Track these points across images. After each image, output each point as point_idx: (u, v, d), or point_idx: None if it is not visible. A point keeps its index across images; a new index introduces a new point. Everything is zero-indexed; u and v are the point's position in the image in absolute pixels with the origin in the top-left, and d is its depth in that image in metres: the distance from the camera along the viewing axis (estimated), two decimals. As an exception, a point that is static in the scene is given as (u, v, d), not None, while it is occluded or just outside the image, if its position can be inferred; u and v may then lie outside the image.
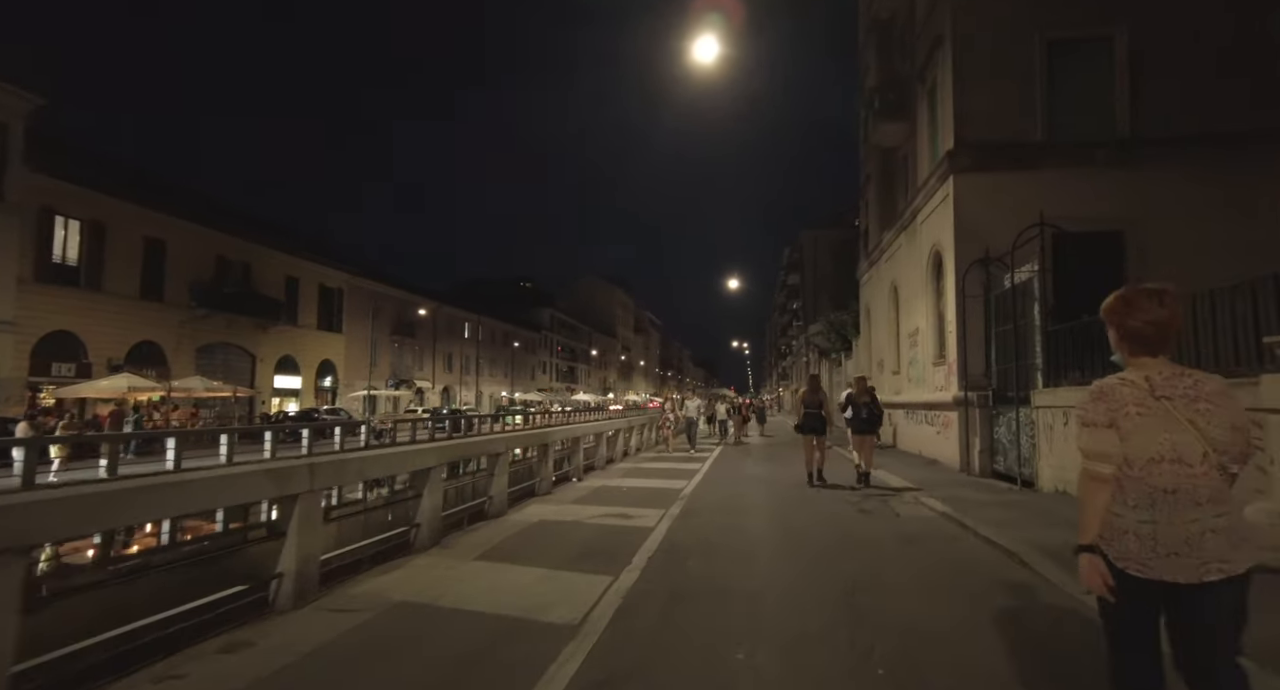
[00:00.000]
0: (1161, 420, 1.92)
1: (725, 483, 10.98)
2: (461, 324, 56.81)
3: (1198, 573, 1.86)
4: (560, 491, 10.42)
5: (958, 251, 12.40)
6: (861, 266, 23.24)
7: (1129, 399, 1.98)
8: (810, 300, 49.93)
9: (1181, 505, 1.89)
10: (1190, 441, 1.89)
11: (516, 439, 9.25)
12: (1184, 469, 1.89)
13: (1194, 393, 1.93)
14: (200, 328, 29.22)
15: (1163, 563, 1.88)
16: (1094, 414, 2.03)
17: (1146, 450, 1.92)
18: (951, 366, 12.77)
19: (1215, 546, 1.86)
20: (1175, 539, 1.88)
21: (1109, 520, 1.99)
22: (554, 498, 9.76)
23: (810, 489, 10.07)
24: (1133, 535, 1.94)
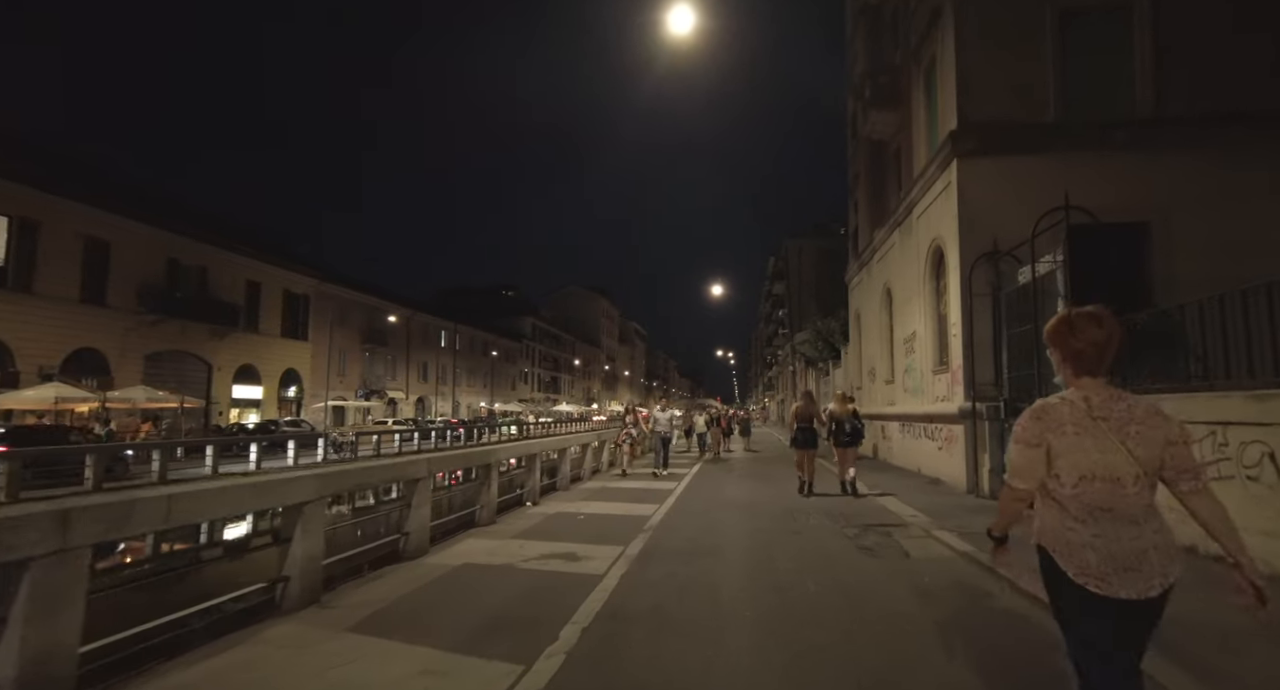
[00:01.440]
0: (1096, 440, 1.99)
1: (700, 509, 9.48)
2: (438, 332, 55.08)
3: (1144, 588, 1.93)
4: (506, 521, 8.88)
5: (962, 245, 11.05)
6: (851, 270, 21.94)
7: (1067, 418, 2.03)
8: (796, 309, 48.72)
9: (1121, 523, 1.98)
10: (1122, 462, 1.97)
11: (445, 460, 7.69)
12: (1117, 488, 1.97)
13: (1128, 416, 2.01)
14: (149, 334, 27.38)
15: (1119, 578, 1.94)
16: (1027, 433, 2.08)
17: (1078, 468, 2.00)
18: (955, 374, 11.39)
19: (1158, 562, 1.95)
20: (1126, 555, 1.95)
21: (1066, 537, 2.03)
22: (495, 530, 8.21)
23: (799, 515, 8.61)
24: (1089, 549, 1.98)
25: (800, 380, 37.83)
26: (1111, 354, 2.08)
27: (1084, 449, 1.99)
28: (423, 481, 6.79)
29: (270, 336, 35.13)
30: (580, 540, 7.28)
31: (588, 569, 5.94)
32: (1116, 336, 2.08)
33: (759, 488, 11.99)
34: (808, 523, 8.13)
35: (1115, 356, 2.08)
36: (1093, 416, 2.01)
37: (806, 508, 9.30)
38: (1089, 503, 1.99)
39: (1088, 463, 1.98)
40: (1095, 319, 2.08)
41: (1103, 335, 2.06)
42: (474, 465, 8.54)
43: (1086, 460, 1.98)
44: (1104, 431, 1.99)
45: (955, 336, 11.39)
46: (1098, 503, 1.98)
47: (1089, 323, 2.07)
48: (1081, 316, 2.10)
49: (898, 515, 8.59)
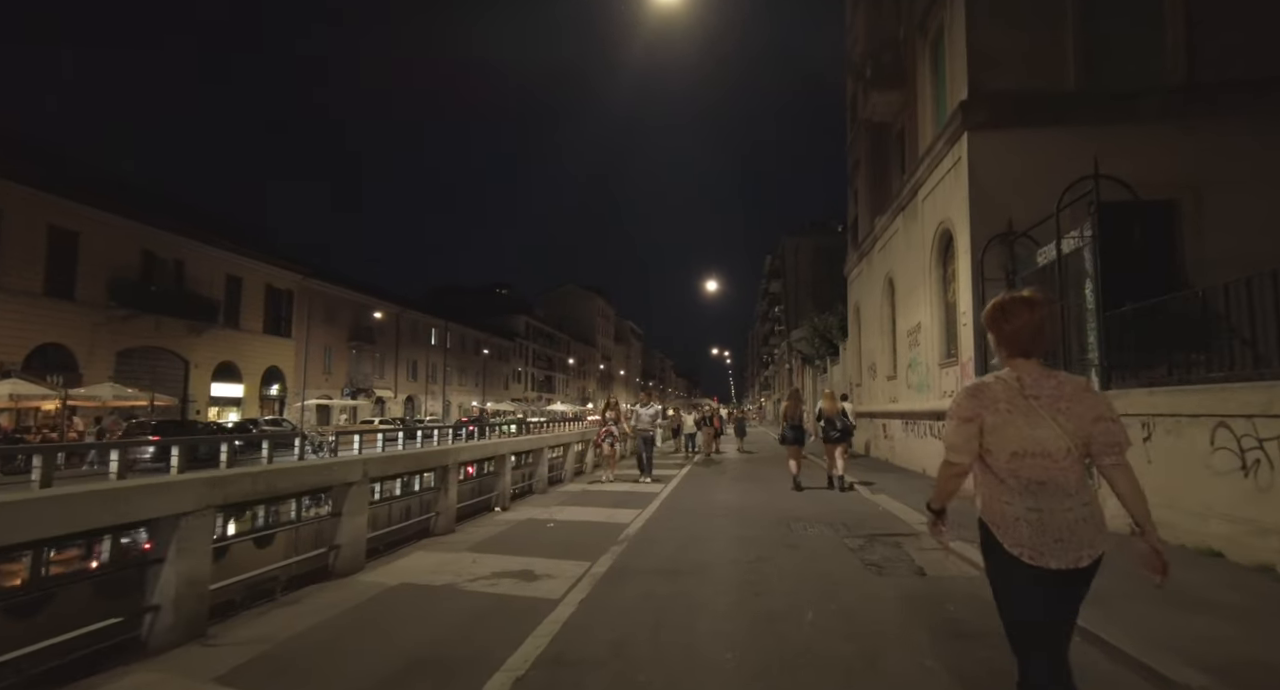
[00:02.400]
0: (1027, 416, 2.05)
1: (686, 516, 8.50)
2: (428, 330, 54.01)
3: (1074, 558, 2.01)
4: (467, 529, 7.90)
5: (973, 226, 10.12)
6: (850, 262, 21.00)
7: (1000, 396, 2.10)
8: (792, 306, 47.83)
9: (1054, 495, 2.04)
10: (1053, 437, 2.03)
11: (388, 463, 6.68)
12: (1049, 462, 2.03)
13: (1058, 392, 2.08)
14: (121, 330, 26.32)
15: (1050, 549, 2.01)
16: (963, 410, 2.16)
17: (1010, 445, 2.06)
18: (965, 367, 10.45)
19: (1086, 533, 2.03)
20: (1058, 526, 2.02)
21: (1003, 510, 2.11)
22: (451, 540, 7.24)
23: (795, 524, 7.66)
24: (1024, 522, 2.06)
25: (797, 378, 36.90)
26: (1044, 336, 2.17)
27: (1015, 425, 2.05)
28: (357, 487, 5.82)
29: (251, 333, 34.07)
30: (543, 554, 6.32)
31: (543, 591, 4.97)
32: (1048, 320, 2.19)
33: (752, 491, 11.03)
34: (805, 533, 7.17)
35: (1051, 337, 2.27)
36: (1024, 394, 2.09)
37: (804, 514, 8.36)
38: (1025, 477, 2.06)
39: (1019, 438, 2.05)
40: (1028, 303, 2.16)
41: (1036, 319, 2.14)
42: (426, 468, 7.54)
43: (1018, 436, 2.05)
44: (1035, 408, 2.06)
45: (965, 326, 10.46)
46: (1032, 476, 2.05)
47: (1021, 307, 2.16)
48: (1015, 301, 2.18)
49: (906, 522, 7.64)
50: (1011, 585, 2.11)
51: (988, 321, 2.24)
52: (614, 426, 12.45)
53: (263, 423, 29.59)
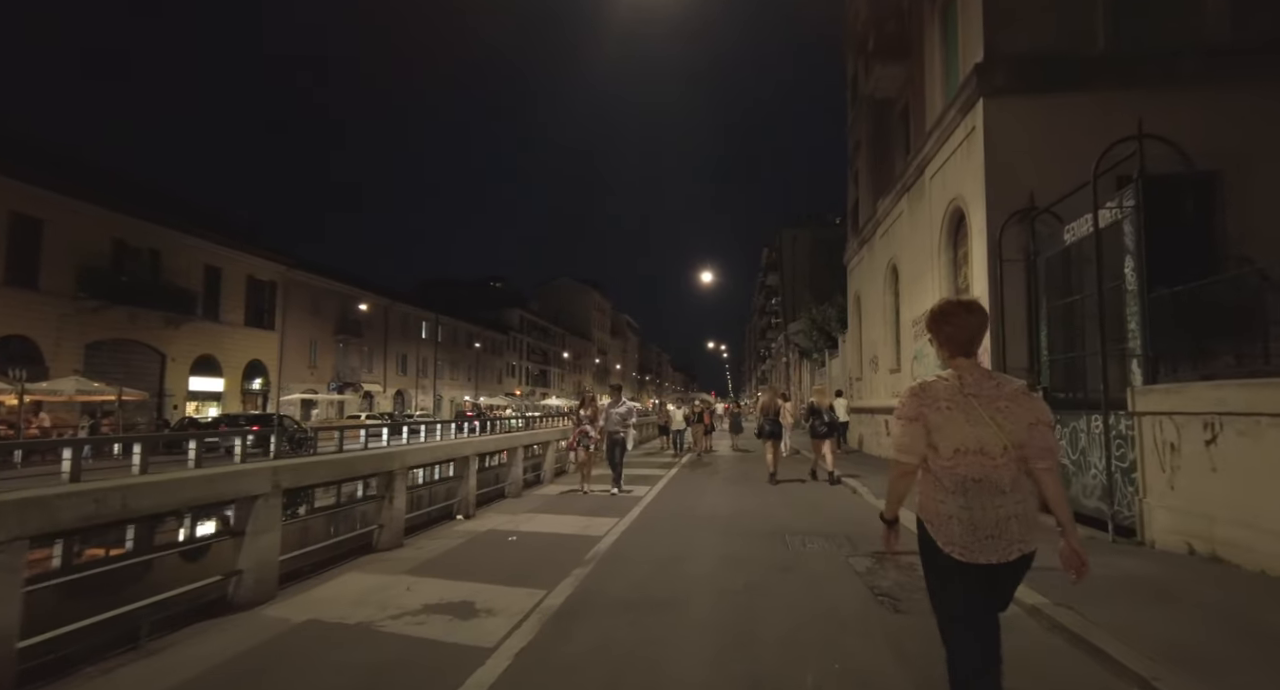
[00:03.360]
0: (967, 415, 2.13)
1: (667, 528, 7.50)
2: (418, 323, 52.93)
3: (1004, 553, 2.09)
4: (417, 542, 6.92)
5: (989, 203, 9.12)
6: (850, 249, 20.00)
7: (942, 395, 2.20)
8: (790, 299, 46.80)
9: (987, 492, 2.11)
10: (991, 435, 2.11)
11: (305, 471, 5.64)
12: (987, 460, 2.11)
13: (996, 393, 2.18)
14: (91, 322, 25.23)
15: (980, 545, 2.10)
16: (908, 410, 2.22)
17: (952, 442, 2.13)
18: (981, 359, 9.45)
19: (1017, 530, 2.10)
20: (988, 523, 2.10)
21: (938, 508, 2.18)
22: (393, 557, 6.25)
23: (792, 538, 6.68)
24: (956, 520, 2.13)
25: (794, 373, 35.94)
26: (981, 337, 2.30)
27: (956, 423, 2.13)
28: (263, 500, 4.81)
29: (232, 325, 32.98)
30: (493, 578, 5.33)
31: (475, 636, 3.98)
32: (985, 323, 2.31)
33: (744, 497, 10.04)
34: (804, 550, 6.19)
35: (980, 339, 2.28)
36: (964, 393, 2.18)
37: (801, 525, 7.37)
38: (962, 474, 2.13)
39: (960, 436, 2.12)
40: (965, 307, 2.31)
41: (974, 321, 2.28)
42: (360, 475, 6.51)
43: (959, 434, 2.13)
44: (974, 407, 2.15)
45: (980, 313, 9.45)
46: (969, 474, 2.12)
47: (960, 310, 2.30)
48: (953, 305, 2.32)
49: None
50: (944, 580, 2.20)
51: (929, 325, 2.34)
52: (589, 427, 10.34)
53: (241, 420, 28.58)
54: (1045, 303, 8.26)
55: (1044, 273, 8.32)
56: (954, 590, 2.17)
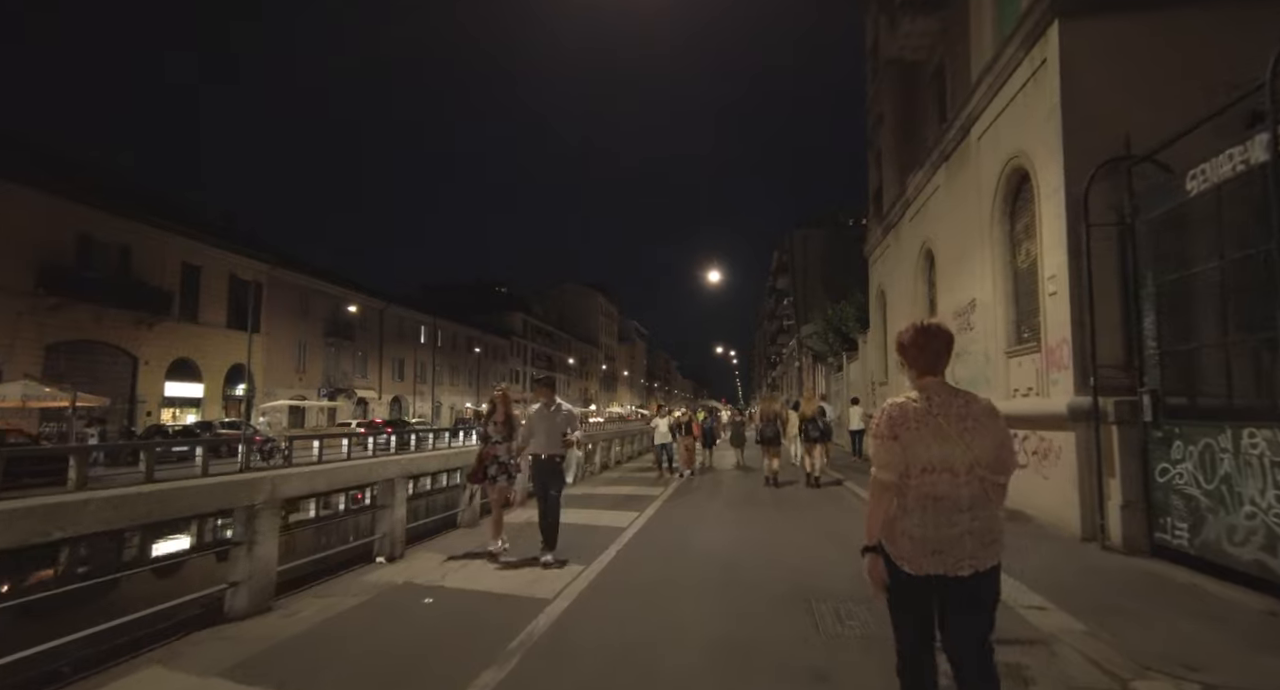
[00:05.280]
0: (934, 433, 2.20)
1: (642, 587, 5.41)
2: (416, 327, 51.15)
3: (954, 567, 2.18)
4: (294, 605, 4.93)
5: (1069, 152, 7.08)
6: (871, 239, 17.94)
7: (911, 414, 2.25)
8: (802, 301, 44.68)
9: (946, 510, 2.19)
10: (957, 454, 2.18)
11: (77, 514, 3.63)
12: (951, 478, 2.19)
13: (964, 412, 2.24)
14: (50, 321, 23.48)
15: (928, 560, 2.20)
16: (883, 428, 2.29)
17: (920, 459, 2.20)
18: (1054, 353, 7.41)
19: (969, 546, 2.18)
20: (939, 539, 2.19)
21: (895, 525, 2.27)
22: (234, 637, 4.27)
23: (824, 603, 4.64)
24: (907, 537, 2.23)
25: (807, 377, 33.82)
26: (947, 358, 2.36)
27: (925, 441, 2.20)
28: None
29: (212, 327, 31.25)
30: (354, 686, 3.33)
31: None
32: (951, 342, 2.39)
33: (748, 533, 7.95)
34: (842, 629, 4.13)
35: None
36: (932, 412, 2.23)
37: (828, 578, 5.32)
38: (926, 492, 2.20)
39: (928, 455, 2.19)
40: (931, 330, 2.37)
41: (940, 342, 2.34)
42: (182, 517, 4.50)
43: (927, 453, 2.19)
44: (941, 425, 2.21)
45: (1053, 296, 7.41)
46: (932, 492, 2.19)
47: (925, 332, 2.36)
48: (919, 328, 2.38)
49: (1011, 609, 4.62)
50: (898, 596, 2.33)
51: (899, 347, 2.42)
52: (501, 448, 6.45)
53: (218, 426, 26.75)
54: (1151, 278, 6.21)
55: (1151, 238, 6.28)
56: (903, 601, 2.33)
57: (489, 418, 6.69)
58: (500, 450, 6.50)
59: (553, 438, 6.36)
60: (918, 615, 2.33)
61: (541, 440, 6.36)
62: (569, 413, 6.62)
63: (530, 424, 6.43)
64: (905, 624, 2.37)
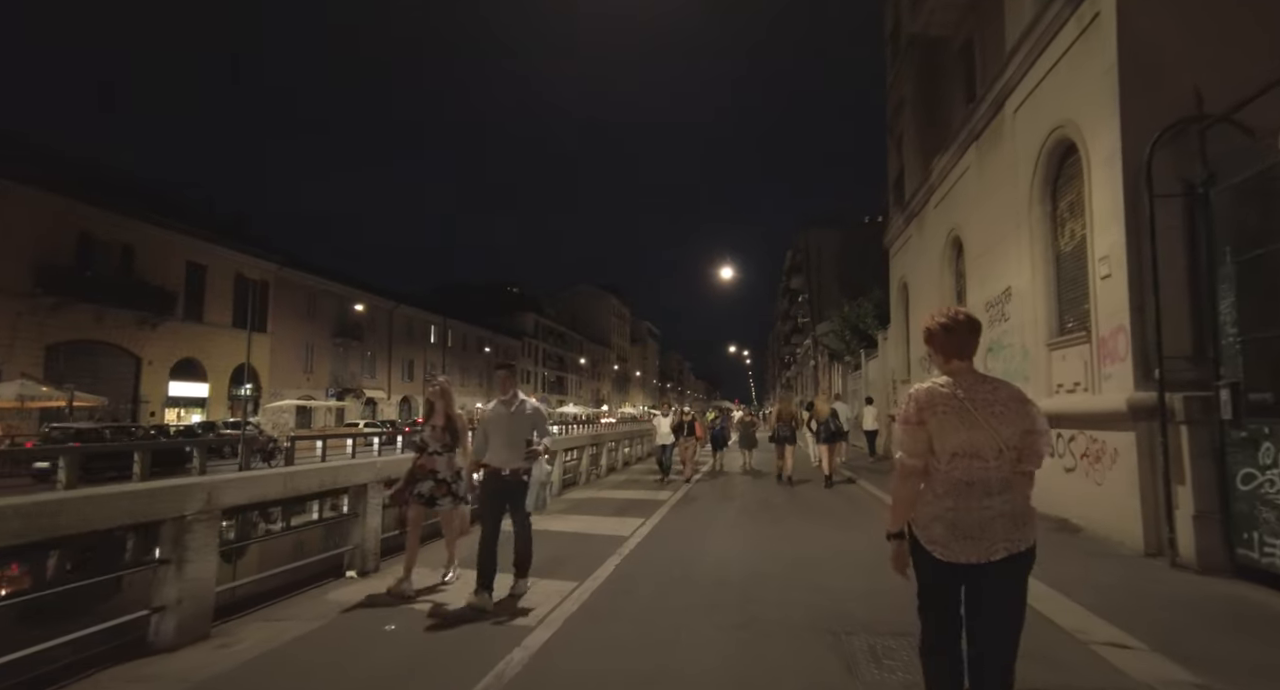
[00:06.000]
0: (961, 419, 2.21)
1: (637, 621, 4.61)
2: (426, 327, 50.73)
3: (987, 553, 2.18)
4: (236, 630, 4.25)
5: (1126, 115, 6.27)
6: (892, 229, 17.09)
7: (939, 400, 2.25)
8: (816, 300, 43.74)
9: (976, 494, 2.20)
10: (985, 439, 2.19)
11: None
12: (979, 463, 2.20)
13: (991, 397, 2.24)
14: (50, 321, 23.12)
15: (960, 545, 2.20)
16: (909, 414, 2.30)
17: (949, 445, 2.21)
18: (1109, 343, 6.59)
19: (1001, 528, 2.18)
20: (970, 524, 2.19)
21: (925, 510, 2.29)
22: (155, 671, 3.58)
23: (847, 635, 3.88)
24: (939, 521, 2.24)
25: (823, 377, 32.93)
26: (975, 342, 2.36)
27: (952, 427, 2.20)
28: None
29: (217, 327, 30.85)
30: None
31: None
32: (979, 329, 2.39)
33: (766, 548, 7.23)
34: (878, 678, 3.37)
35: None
36: (959, 397, 2.24)
37: (857, 601, 4.55)
38: (955, 478, 2.21)
39: (955, 440, 2.20)
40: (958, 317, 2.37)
41: (967, 328, 2.35)
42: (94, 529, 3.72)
43: (955, 438, 2.20)
44: (969, 411, 2.21)
45: (1106, 279, 6.59)
46: (962, 477, 2.20)
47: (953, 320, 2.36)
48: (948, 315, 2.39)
49: (1060, 628, 3.84)
50: (926, 581, 2.34)
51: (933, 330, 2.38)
52: (440, 458, 5.16)
53: (221, 427, 26.28)
54: (1230, 254, 5.39)
55: (1227, 209, 5.46)
56: (934, 587, 2.32)
57: (426, 421, 5.39)
58: (439, 463, 5.14)
59: (514, 445, 4.80)
60: (946, 604, 2.31)
61: (499, 450, 4.84)
62: (536, 411, 4.98)
63: (484, 427, 4.97)
64: (932, 613, 2.36)
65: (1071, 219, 7.74)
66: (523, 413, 4.92)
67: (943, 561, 2.22)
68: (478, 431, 5.03)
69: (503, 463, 4.84)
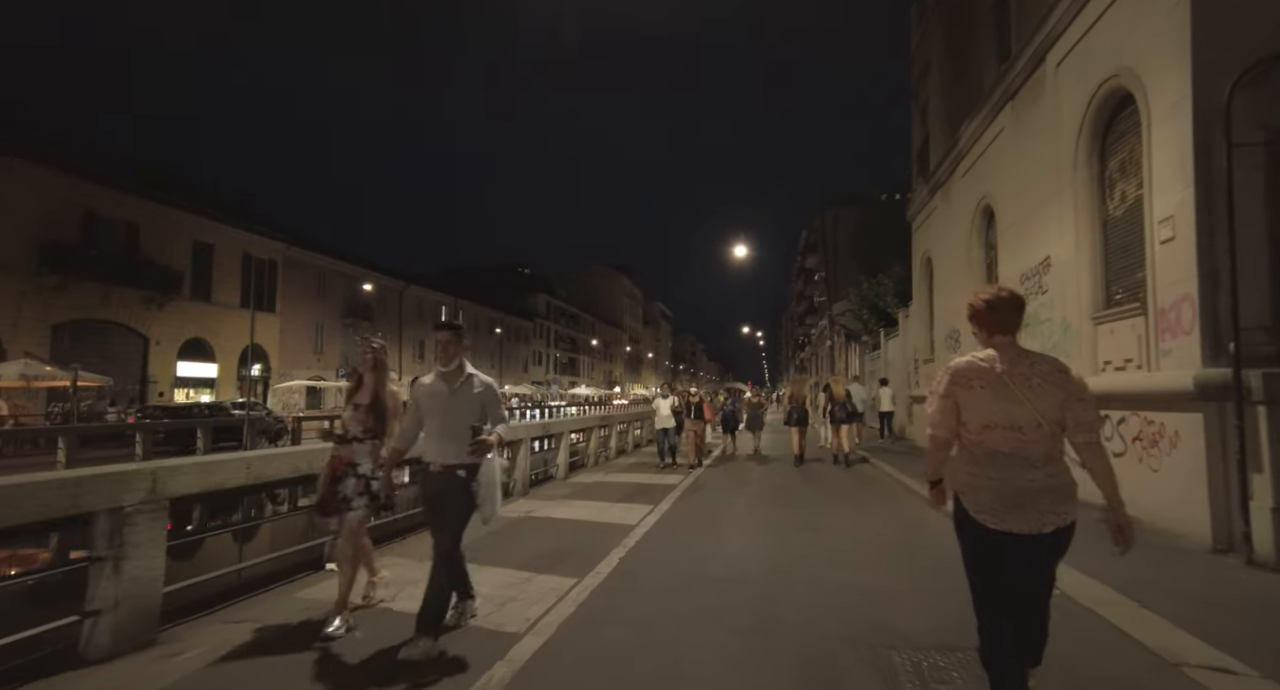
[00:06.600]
0: (996, 392, 2.25)
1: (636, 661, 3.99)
2: (436, 307, 50.29)
3: (1036, 524, 2.18)
4: (188, 634, 3.78)
5: (1200, 55, 5.53)
6: (916, 201, 16.29)
7: (974, 374, 2.30)
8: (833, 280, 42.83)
9: (1017, 465, 2.21)
10: (1021, 412, 2.22)
11: None
12: (1018, 434, 2.21)
13: (1030, 372, 2.27)
14: (55, 301, 22.82)
15: (1009, 515, 2.21)
16: (939, 387, 2.37)
17: (981, 417, 2.26)
18: (1170, 314, 5.90)
19: (1048, 502, 2.19)
20: (1015, 493, 2.20)
21: (969, 480, 2.31)
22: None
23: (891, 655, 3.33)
24: (984, 489, 2.25)
25: (839, 358, 32.21)
26: (1018, 318, 2.40)
27: (985, 400, 2.25)
28: None
29: (225, 307, 30.52)
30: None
31: None
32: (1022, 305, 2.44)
33: (785, 541, 6.68)
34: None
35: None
36: (997, 371, 2.28)
37: (894, 604, 3.99)
38: (991, 448, 2.26)
39: (988, 412, 2.25)
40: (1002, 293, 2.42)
41: (1010, 303, 2.39)
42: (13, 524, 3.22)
43: (987, 410, 2.25)
44: (1006, 384, 2.24)
45: (1169, 242, 5.89)
46: (999, 448, 2.24)
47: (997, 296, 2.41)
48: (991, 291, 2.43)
49: (1144, 646, 3.25)
50: (977, 549, 2.33)
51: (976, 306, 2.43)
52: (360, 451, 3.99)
53: (228, 406, 26.05)
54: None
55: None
56: (986, 558, 2.30)
57: (350, 393, 4.15)
58: (360, 454, 3.94)
59: (452, 435, 3.52)
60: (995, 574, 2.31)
61: (433, 439, 3.61)
62: (487, 389, 3.72)
63: (415, 406, 3.72)
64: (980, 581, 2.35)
65: (1123, 180, 7.02)
66: (469, 391, 3.65)
67: (993, 531, 2.24)
68: (408, 411, 3.79)
69: (436, 455, 3.58)
